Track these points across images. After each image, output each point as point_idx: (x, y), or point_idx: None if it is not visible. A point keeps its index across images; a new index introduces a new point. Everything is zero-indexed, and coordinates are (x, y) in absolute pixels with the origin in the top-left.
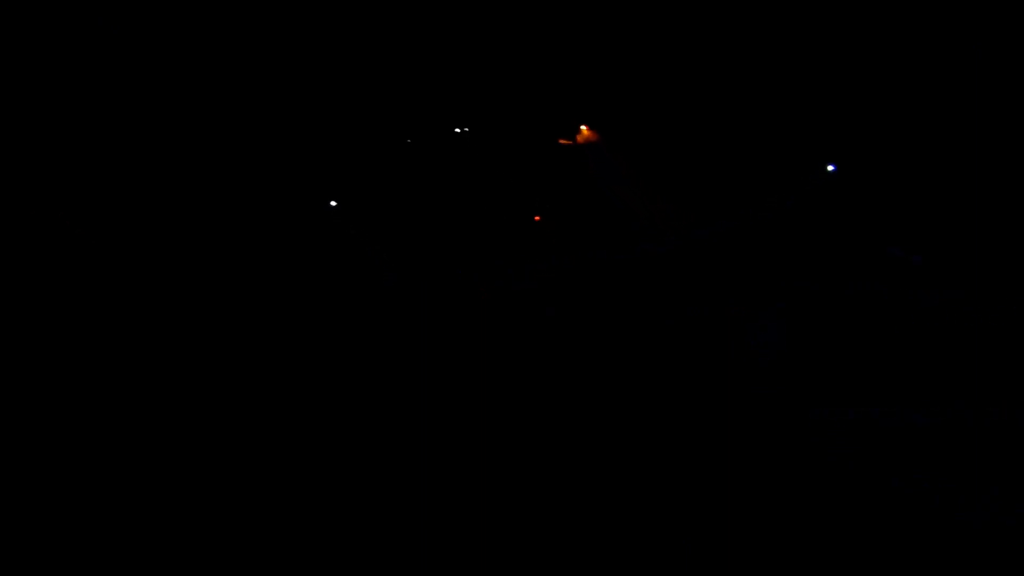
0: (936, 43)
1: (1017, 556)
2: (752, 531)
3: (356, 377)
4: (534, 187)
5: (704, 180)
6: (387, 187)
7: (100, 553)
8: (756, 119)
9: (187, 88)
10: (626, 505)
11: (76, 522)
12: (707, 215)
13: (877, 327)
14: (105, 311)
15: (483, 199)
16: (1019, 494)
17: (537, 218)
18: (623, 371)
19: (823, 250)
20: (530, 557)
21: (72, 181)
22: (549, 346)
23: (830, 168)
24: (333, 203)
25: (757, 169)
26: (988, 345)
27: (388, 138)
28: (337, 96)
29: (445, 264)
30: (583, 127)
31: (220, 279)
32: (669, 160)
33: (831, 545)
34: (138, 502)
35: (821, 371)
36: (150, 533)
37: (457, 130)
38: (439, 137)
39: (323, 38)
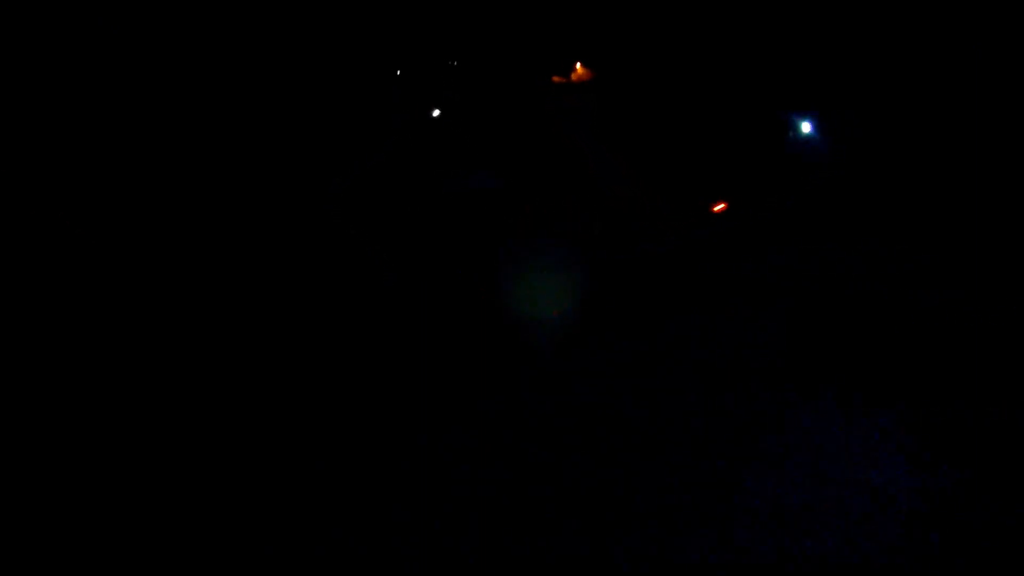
0: (936, 43)
1: (1017, 556)
2: (752, 531)
3: (356, 377)
4: (533, 186)
5: (704, 180)
6: (387, 186)
7: (97, 552)
8: (757, 119)
9: (187, 88)
10: (626, 505)
11: (74, 521)
12: (707, 215)
13: (877, 327)
14: (104, 311)
15: (483, 198)
16: (1019, 494)
17: (528, 208)
18: (623, 370)
19: (823, 250)
20: (529, 557)
21: (72, 181)
22: (549, 345)
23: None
24: (436, 112)
25: (757, 169)
26: (988, 345)
27: (386, 133)
28: (338, 93)
29: (445, 264)
30: (578, 65)
31: (220, 279)
32: (669, 160)
33: (831, 545)
34: (137, 500)
35: (821, 371)
36: (148, 532)
37: (450, 63)
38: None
39: (324, 37)
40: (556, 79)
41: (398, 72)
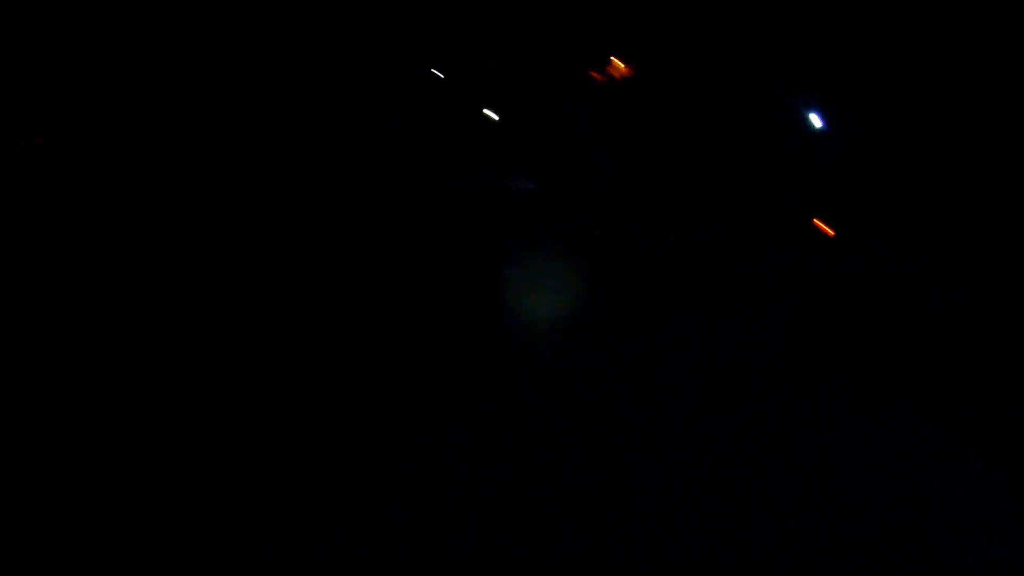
0: (936, 42)
1: (1017, 555)
2: (752, 531)
3: (356, 377)
4: (533, 185)
5: (704, 180)
6: (387, 186)
7: (97, 552)
8: (756, 118)
9: (187, 88)
10: (626, 505)
11: (74, 520)
12: (707, 215)
13: (877, 327)
14: (104, 310)
15: (483, 197)
16: (1019, 494)
17: (527, 207)
18: (623, 370)
19: (823, 250)
20: (529, 557)
21: (72, 181)
22: (549, 345)
23: (817, 122)
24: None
25: (757, 169)
26: (988, 345)
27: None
28: (338, 93)
29: (445, 264)
30: (614, 59)
31: (220, 279)
32: (669, 160)
33: (831, 545)
34: (137, 500)
35: (821, 371)
36: (148, 532)
37: (451, 64)
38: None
39: (324, 37)
40: (594, 75)
41: (424, 72)
